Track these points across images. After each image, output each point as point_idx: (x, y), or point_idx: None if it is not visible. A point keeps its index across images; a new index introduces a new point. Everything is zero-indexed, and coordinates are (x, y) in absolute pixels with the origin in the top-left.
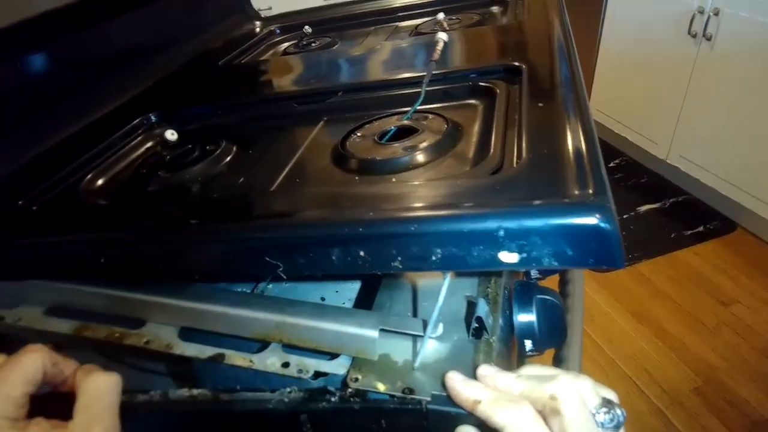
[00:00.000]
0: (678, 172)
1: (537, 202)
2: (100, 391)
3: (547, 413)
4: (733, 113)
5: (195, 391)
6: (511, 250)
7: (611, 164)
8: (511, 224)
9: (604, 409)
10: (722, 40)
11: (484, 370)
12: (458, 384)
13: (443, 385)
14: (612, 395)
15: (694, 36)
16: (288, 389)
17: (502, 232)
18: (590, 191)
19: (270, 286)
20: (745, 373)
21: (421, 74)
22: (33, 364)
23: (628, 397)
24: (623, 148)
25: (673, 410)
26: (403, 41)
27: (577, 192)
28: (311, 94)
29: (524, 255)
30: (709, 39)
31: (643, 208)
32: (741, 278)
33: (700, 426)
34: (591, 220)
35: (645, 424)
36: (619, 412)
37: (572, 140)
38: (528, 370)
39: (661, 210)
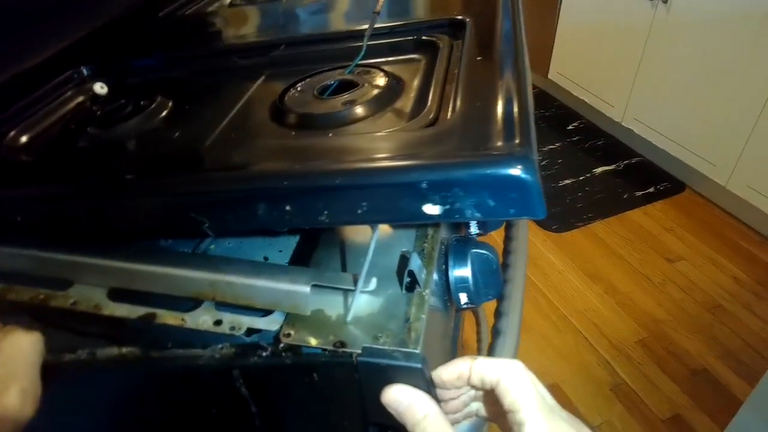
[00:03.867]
0: (632, 134)
1: (459, 153)
2: (19, 349)
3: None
4: (686, 77)
5: (124, 350)
6: (434, 203)
7: (570, 127)
8: (433, 176)
9: None
10: (678, 4)
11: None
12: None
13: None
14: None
15: (652, 0)
16: (220, 345)
17: (424, 185)
18: (514, 143)
19: (212, 246)
20: (688, 326)
21: (363, 27)
22: None
23: (577, 349)
24: (582, 111)
25: (619, 361)
26: None
27: (500, 143)
28: (253, 47)
29: (447, 207)
30: (665, 2)
31: (599, 169)
32: (687, 237)
33: (643, 375)
34: (511, 171)
35: (592, 374)
36: None
37: (503, 94)
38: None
39: (615, 172)
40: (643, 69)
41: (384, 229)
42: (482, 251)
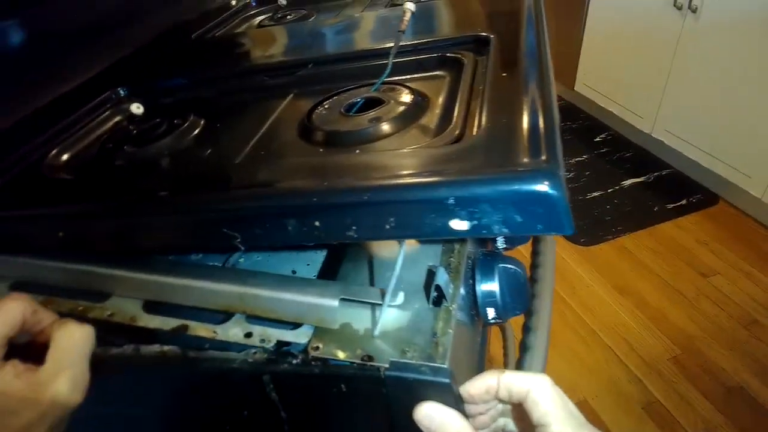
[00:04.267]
0: (662, 146)
1: (486, 170)
2: (72, 340)
3: None
4: (717, 86)
5: (165, 348)
6: (461, 218)
7: (597, 139)
8: (461, 192)
9: None
10: (708, 11)
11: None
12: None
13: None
14: None
15: (680, 8)
16: (253, 350)
17: (452, 201)
18: (541, 159)
19: (242, 259)
20: (723, 343)
21: (389, 46)
22: (14, 309)
23: (608, 365)
24: (609, 123)
25: (650, 378)
26: (377, 12)
27: (526, 159)
28: (281, 66)
29: (474, 222)
30: (694, 11)
31: (628, 182)
32: (722, 250)
33: (677, 393)
34: (538, 187)
35: (623, 391)
36: None
37: (529, 109)
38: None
39: (645, 184)
40: (673, 78)
41: (410, 243)
42: (510, 266)
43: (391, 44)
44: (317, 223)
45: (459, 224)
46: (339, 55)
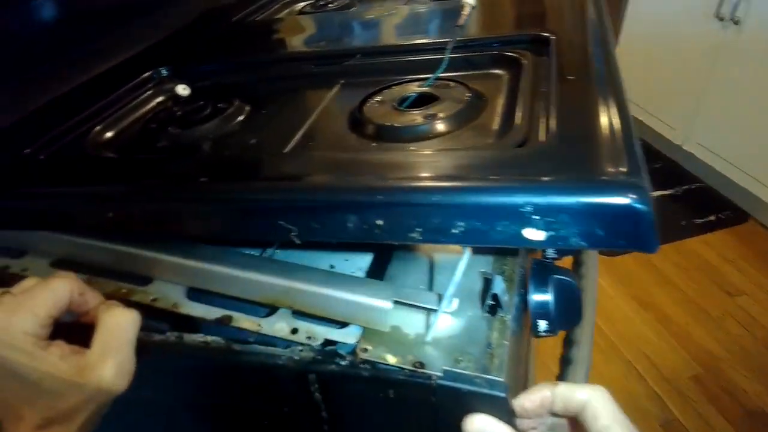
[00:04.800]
0: (693, 159)
1: (568, 178)
2: (119, 325)
3: None
4: (755, 101)
5: (209, 338)
6: (537, 228)
7: None
8: (540, 200)
9: None
10: (751, 25)
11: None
12: None
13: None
14: None
15: (722, 19)
16: (299, 347)
17: (529, 208)
18: (624, 169)
19: (278, 251)
20: (746, 365)
21: (443, 40)
22: (62, 288)
23: (626, 380)
24: (639, 132)
25: (670, 396)
26: (423, 5)
27: (611, 169)
28: (328, 56)
29: (551, 233)
30: (737, 23)
31: (655, 193)
32: (749, 270)
33: (696, 413)
34: (626, 200)
35: (641, 407)
36: None
37: (606, 117)
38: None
39: (673, 197)
40: (711, 91)
41: (458, 248)
42: (565, 278)
43: (443, 39)
44: (380, 222)
45: (534, 234)
46: (389, 47)
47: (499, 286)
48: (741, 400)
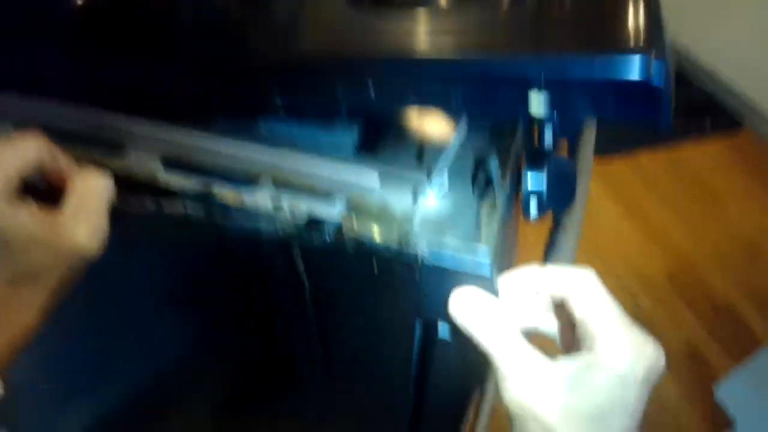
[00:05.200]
0: (694, 64)
1: (579, 45)
2: (93, 188)
3: None
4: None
5: (189, 209)
6: (542, 98)
7: None
8: (548, 66)
9: None
10: None
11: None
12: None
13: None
14: None
15: None
16: (283, 221)
17: (537, 74)
18: (644, 39)
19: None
20: (722, 266)
21: None
22: (31, 147)
23: (602, 277)
24: None
25: (644, 293)
26: None
27: (630, 40)
28: None
29: (559, 102)
30: None
31: None
32: (737, 178)
33: (668, 308)
34: (641, 72)
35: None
36: None
37: None
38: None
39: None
40: None
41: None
42: (561, 156)
43: None
44: (375, 84)
45: (540, 102)
46: None
47: (492, 165)
48: (711, 297)
